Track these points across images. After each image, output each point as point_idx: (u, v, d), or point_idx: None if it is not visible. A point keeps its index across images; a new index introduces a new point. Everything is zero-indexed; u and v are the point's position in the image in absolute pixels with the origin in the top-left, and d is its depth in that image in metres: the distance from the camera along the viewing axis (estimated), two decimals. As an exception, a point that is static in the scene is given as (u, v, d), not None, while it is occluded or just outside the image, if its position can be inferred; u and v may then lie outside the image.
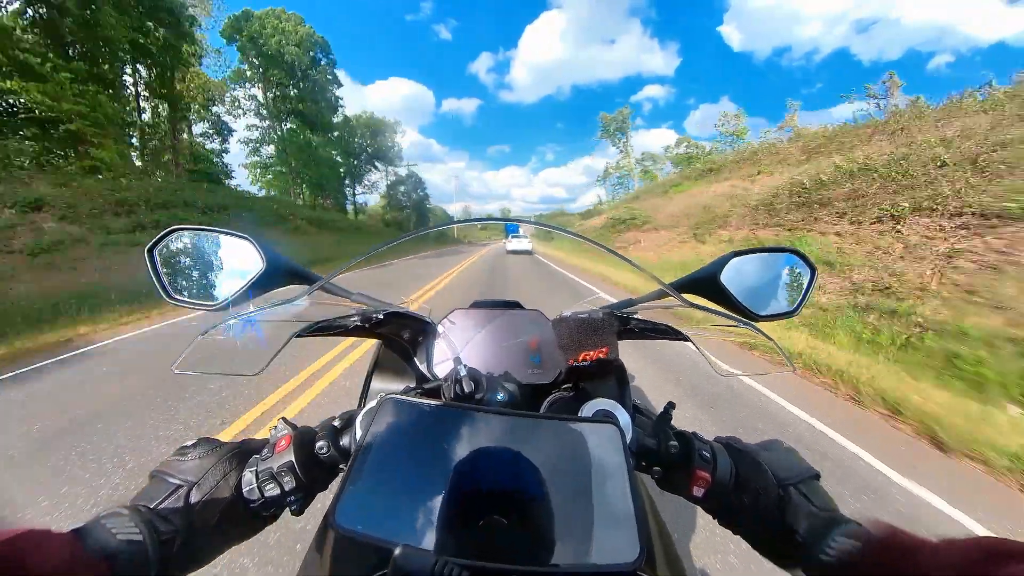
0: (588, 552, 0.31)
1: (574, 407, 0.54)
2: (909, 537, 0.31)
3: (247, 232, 0.50)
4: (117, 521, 0.33)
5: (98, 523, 0.33)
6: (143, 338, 5.13)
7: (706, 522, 1.72)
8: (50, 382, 3.63)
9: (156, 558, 0.33)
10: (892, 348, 4.59)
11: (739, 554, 1.62)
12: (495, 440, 0.38)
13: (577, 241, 0.66)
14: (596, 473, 0.36)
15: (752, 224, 12.26)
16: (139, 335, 5.26)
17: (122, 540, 0.32)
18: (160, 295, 0.49)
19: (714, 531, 1.72)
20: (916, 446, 2.64)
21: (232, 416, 2.77)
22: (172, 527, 0.36)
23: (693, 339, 0.55)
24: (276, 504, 0.44)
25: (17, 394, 3.36)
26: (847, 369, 3.57)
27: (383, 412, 0.40)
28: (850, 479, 2.24)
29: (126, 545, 0.32)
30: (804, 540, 0.38)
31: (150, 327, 5.62)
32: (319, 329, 0.56)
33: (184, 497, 0.39)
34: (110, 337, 5.13)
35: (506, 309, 0.73)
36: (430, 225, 0.60)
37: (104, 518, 0.34)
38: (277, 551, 1.64)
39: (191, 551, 0.38)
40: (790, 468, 0.45)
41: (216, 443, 0.46)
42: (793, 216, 10.41)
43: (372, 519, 0.32)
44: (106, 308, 6.43)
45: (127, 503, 0.37)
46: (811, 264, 0.57)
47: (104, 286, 7.81)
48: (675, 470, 0.49)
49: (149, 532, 0.34)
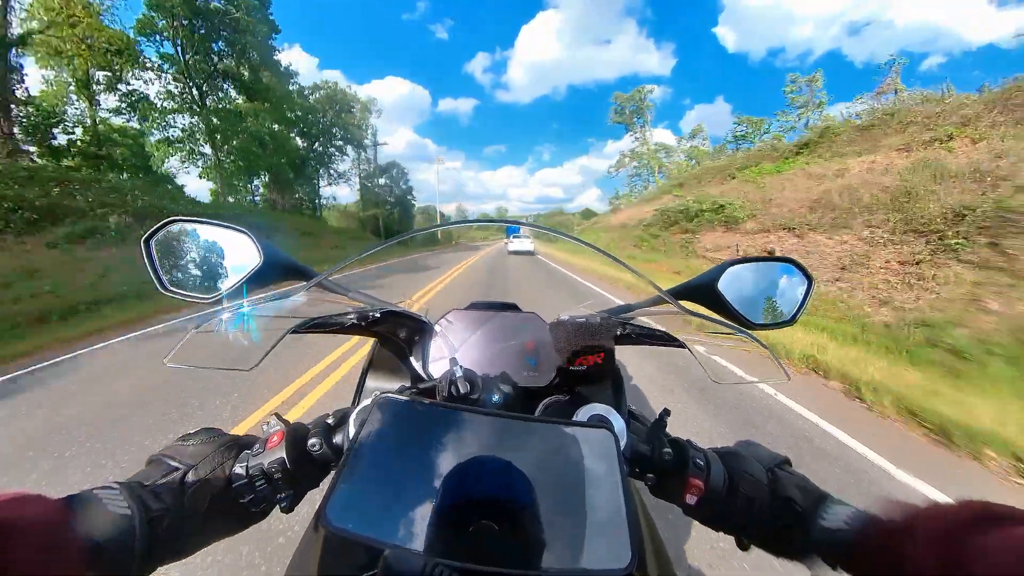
0: (580, 557, 0.31)
1: (569, 411, 0.54)
2: (897, 503, 0.33)
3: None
4: (108, 493, 0.34)
5: (90, 493, 0.33)
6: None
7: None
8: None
9: (143, 534, 0.34)
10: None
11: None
12: (489, 442, 0.38)
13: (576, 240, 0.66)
14: (589, 478, 0.36)
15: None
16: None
17: (111, 512, 0.33)
18: (156, 286, 0.48)
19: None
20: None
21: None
22: (163, 505, 0.37)
23: (690, 346, 0.56)
24: (265, 500, 0.43)
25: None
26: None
27: (377, 411, 0.40)
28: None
29: (114, 517, 0.33)
30: (803, 512, 0.41)
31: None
32: (315, 326, 0.56)
33: (179, 480, 0.39)
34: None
35: (503, 311, 0.73)
36: (429, 225, 0.59)
37: (97, 489, 0.34)
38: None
39: (178, 535, 0.38)
40: (767, 456, 0.49)
41: (217, 432, 0.46)
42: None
43: (363, 519, 0.32)
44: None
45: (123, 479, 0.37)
46: (808, 274, 0.58)
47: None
48: (669, 477, 0.49)
49: (138, 507, 0.34)
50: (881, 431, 2.92)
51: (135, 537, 0.33)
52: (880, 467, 2.45)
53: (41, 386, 3.57)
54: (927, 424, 2.90)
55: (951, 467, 2.54)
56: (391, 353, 0.68)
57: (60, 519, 0.28)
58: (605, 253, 0.63)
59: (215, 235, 0.51)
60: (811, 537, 0.39)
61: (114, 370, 3.95)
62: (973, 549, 0.25)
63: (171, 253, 0.51)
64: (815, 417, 3.03)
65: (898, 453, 2.58)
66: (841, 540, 0.36)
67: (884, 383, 3.46)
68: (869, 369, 3.82)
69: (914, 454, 2.63)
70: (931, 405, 3.06)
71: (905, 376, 3.84)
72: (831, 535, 0.37)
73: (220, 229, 0.51)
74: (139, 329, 5.54)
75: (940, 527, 0.28)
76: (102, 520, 0.32)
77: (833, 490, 0.42)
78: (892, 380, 3.58)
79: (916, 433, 2.88)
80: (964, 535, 0.26)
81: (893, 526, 0.32)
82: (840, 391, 3.60)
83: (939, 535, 0.27)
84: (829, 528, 0.38)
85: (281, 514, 0.46)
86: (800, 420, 3.02)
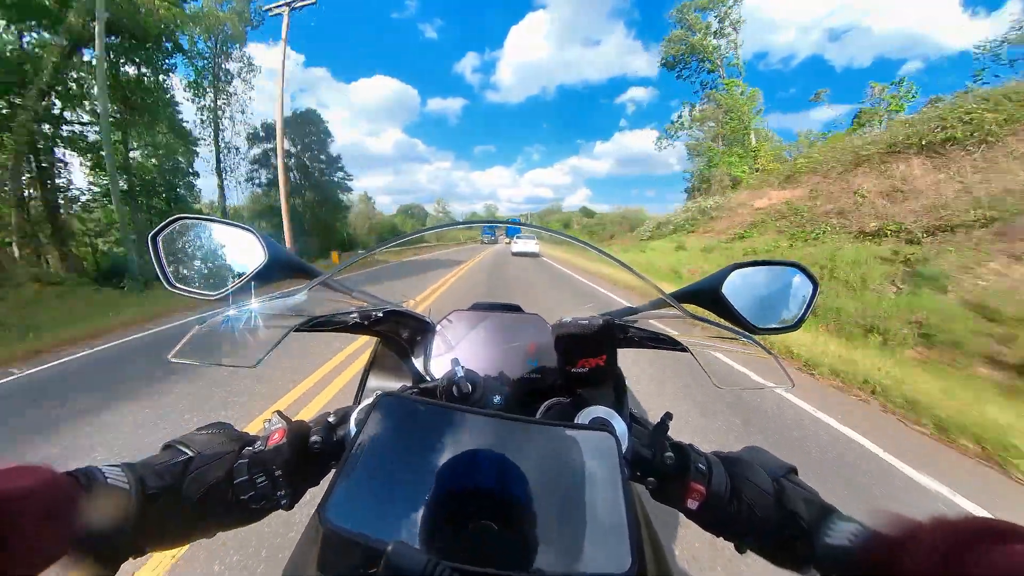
0: (579, 560, 0.31)
1: (571, 413, 0.54)
2: (900, 518, 0.32)
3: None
4: (111, 470, 0.35)
5: (93, 468, 0.35)
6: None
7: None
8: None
9: (136, 512, 0.35)
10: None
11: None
12: (490, 443, 0.38)
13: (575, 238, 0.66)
14: (590, 481, 0.36)
15: None
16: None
17: (109, 485, 0.34)
18: (162, 282, 0.49)
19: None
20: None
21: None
22: (161, 484, 0.38)
23: (692, 350, 0.55)
24: (266, 497, 0.44)
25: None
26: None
27: (378, 410, 0.40)
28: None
29: (111, 491, 0.34)
30: (808, 526, 0.40)
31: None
32: (318, 324, 0.56)
33: (183, 465, 0.41)
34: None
35: (505, 312, 0.73)
36: (433, 225, 0.59)
37: (102, 465, 0.36)
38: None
39: (172, 519, 0.38)
40: (774, 464, 0.48)
41: (227, 427, 0.48)
42: None
43: (363, 517, 0.32)
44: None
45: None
46: (813, 279, 0.57)
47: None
48: (670, 481, 0.49)
49: (136, 483, 0.36)
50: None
51: (129, 516, 0.34)
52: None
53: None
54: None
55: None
56: (393, 353, 0.69)
57: (59, 490, 0.29)
58: (604, 253, 0.62)
59: (221, 233, 0.52)
60: (814, 551, 0.38)
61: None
62: (973, 566, 0.25)
63: (177, 250, 0.52)
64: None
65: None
66: (844, 556, 0.36)
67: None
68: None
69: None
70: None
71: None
72: (833, 551, 0.37)
73: (226, 227, 0.51)
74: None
75: (941, 543, 0.27)
76: (100, 493, 0.33)
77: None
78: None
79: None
80: (964, 552, 0.26)
81: (895, 541, 0.31)
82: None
83: (940, 551, 0.27)
84: (832, 544, 0.37)
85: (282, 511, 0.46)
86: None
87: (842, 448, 2.69)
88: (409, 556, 0.26)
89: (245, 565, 1.59)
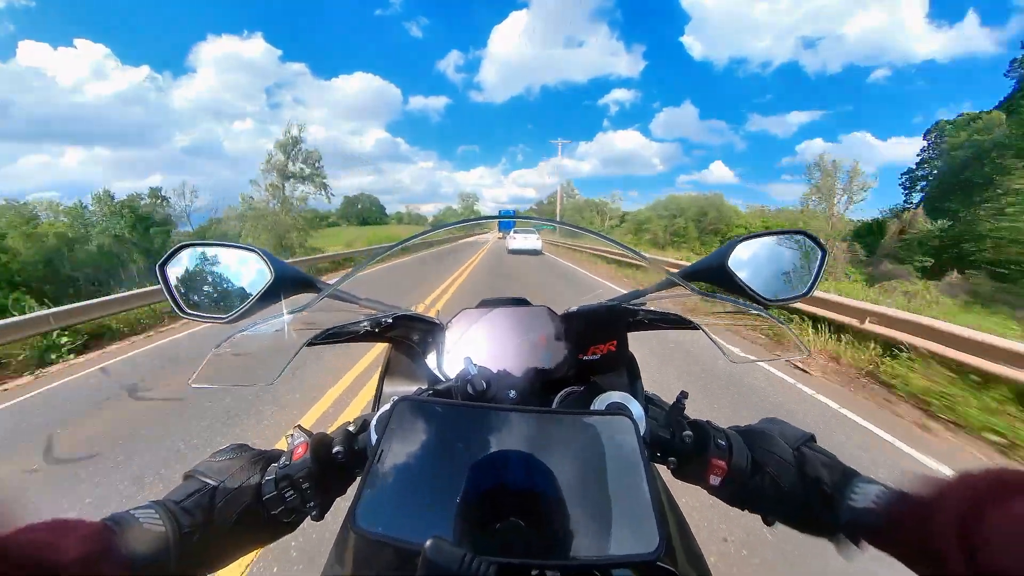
0: (608, 545, 0.31)
1: (586, 401, 0.54)
2: (924, 478, 0.32)
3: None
4: (144, 513, 0.36)
5: (128, 514, 0.35)
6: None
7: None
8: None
9: (176, 550, 0.35)
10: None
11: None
12: (509, 438, 0.38)
13: (575, 233, 0.66)
14: (612, 466, 0.36)
15: None
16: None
17: (146, 530, 0.35)
18: (174, 310, 0.50)
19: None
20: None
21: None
22: (194, 521, 0.38)
23: (704, 327, 0.55)
24: (296, 510, 0.45)
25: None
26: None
27: (397, 415, 0.40)
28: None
29: (149, 536, 0.34)
30: (832, 492, 0.40)
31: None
32: (330, 336, 0.57)
33: (209, 495, 0.41)
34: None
35: (514, 306, 0.73)
36: (436, 225, 0.60)
37: (134, 510, 0.36)
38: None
39: (210, 548, 0.39)
40: (792, 434, 0.48)
41: (245, 448, 0.48)
42: None
43: (392, 520, 0.32)
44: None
45: (160, 499, 0.40)
46: (821, 245, 0.56)
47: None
48: (690, 460, 0.49)
49: (171, 524, 0.36)
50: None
51: (170, 554, 0.35)
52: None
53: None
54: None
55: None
56: (406, 357, 0.69)
57: (99, 543, 0.30)
58: (605, 237, 0.62)
59: (226, 256, 0.52)
60: (839, 516, 0.39)
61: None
62: (997, 518, 0.25)
63: (186, 277, 0.53)
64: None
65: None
66: (870, 519, 0.36)
67: None
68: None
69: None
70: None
71: None
72: (859, 514, 0.37)
73: (230, 249, 0.52)
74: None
75: (962, 499, 0.28)
76: (139, 539, 0.34)
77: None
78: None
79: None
80: (987, 505, 0.26)
81: (919, 501, 0.31)
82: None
83: (962, 507, 0.27)
84: (857, 507, 0.38)
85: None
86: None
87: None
88: (447, 551, 0.26)
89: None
